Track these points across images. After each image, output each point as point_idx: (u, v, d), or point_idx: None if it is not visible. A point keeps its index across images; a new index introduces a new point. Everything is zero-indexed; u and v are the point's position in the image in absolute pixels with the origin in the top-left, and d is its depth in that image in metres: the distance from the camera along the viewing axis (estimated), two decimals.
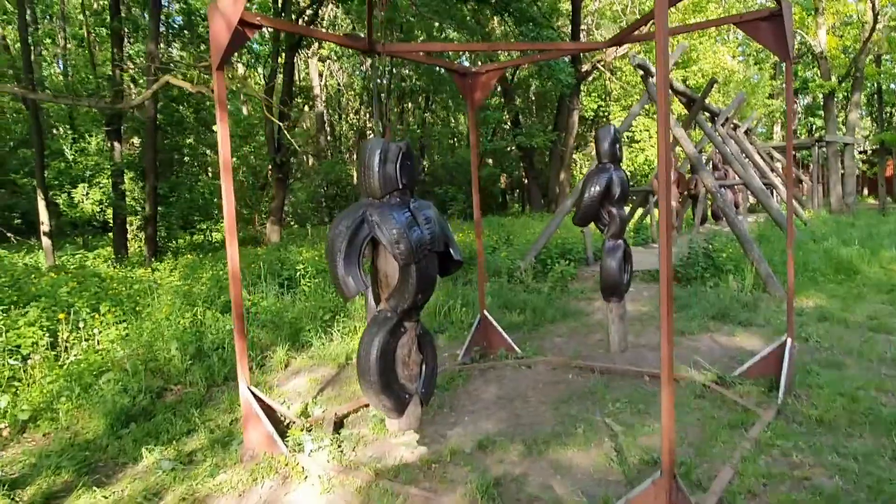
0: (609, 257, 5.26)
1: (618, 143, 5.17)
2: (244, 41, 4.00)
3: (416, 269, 2.92)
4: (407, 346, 3.09)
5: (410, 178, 3.04)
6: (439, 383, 5.30)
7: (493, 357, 6.01)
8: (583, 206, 5.17)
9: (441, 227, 3.10)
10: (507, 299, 8.49)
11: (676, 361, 5.52)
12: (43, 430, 5.01)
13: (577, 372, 5.49)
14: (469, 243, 11.94)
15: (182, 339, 6.60)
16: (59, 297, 8.14)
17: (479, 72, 5.88)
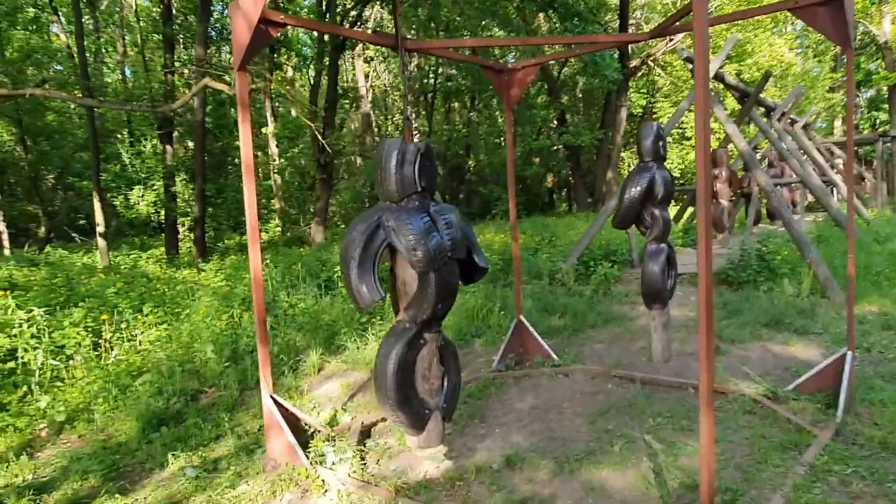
0: (651, 262, 4.97)
1: (661, 141, 4.87)
2: (267, 40, 3.91)
3: (435, 277, 2.75)
4: (427, 358, 2.92)
5: (430, 180, 2.87)
6: (472, 392, 5.12)
7: (530, 364, 5.80)
8: (622, 207, 4.89)
9: (463, 232, 2.92)
10: (547, 302, 8.23)
11: (725, 373, 5.19)
12: (79, 432, 5.06)
13: (617, 382, 5.23)
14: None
15: (218, 341, 6.63)
16: (106, 297, 8.33)
17: (514, 68, 5.67)
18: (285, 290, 8.93)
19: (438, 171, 3.00)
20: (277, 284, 9.25)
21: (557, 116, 23.99)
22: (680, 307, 7.70)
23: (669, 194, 4.93)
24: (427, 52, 4.87)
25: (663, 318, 5.05)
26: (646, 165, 4.89)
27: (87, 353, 6.44)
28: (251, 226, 3.90)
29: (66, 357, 6.29)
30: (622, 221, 4.94)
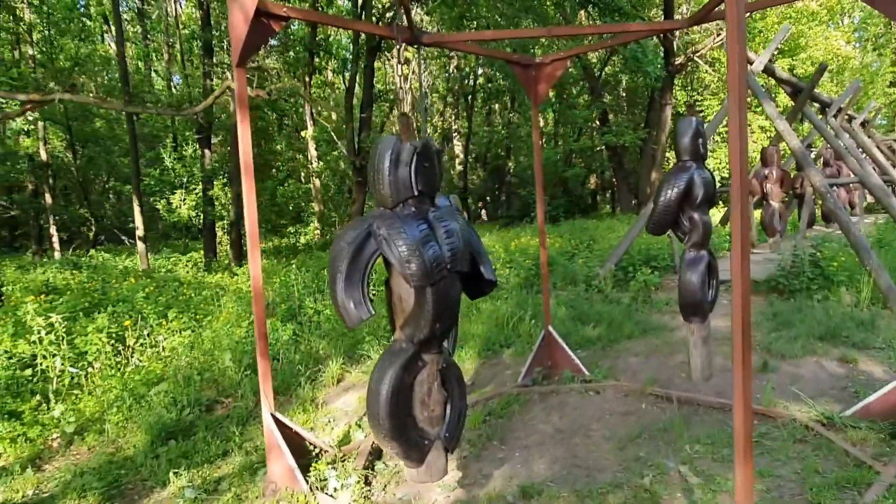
0: (689, 271, 4.53)
1: (701, 138, 4.44)
2: (268, 35, 3.67)
3: (432, 292, 2.43)
4: (426, 382, 2.61)
5: (430, 183, 2.56)
6: (493, 409, 4.79)
7: (558, 379, 5.42)
8: (657, 211, 4.48)
9: (467, 241, 2.60)
10: (581, 311, 7.82)
11: (772, 393, 4.71)
12: (89, 444, 4.93)
13: (653, 401, 4.81)
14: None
15: (237, 349, 6.46)
16: (135, 302, 8.31)
17: (542, 62, 5.31)
18: (312, 296, 8.75)
19: (441, 173, 2.67)
20: (303, 290, 9.07)
21: (600, 116, 23.35)
22: (726, 317, 7.17)
23: (710, 196, 4.49)
24: (444, 45, 4.57)
25: (703, 333, 4.61)
26: (683, 165, 4.47)
27: (108, 359, 6.36)
28: (251, 232, 3.66)
29: (87, 364, 6.22)
30: (657, 226, 4.52)
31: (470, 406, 4.85)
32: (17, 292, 10.05)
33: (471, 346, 6.87)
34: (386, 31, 4.35)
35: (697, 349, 4.60)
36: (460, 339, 7.12)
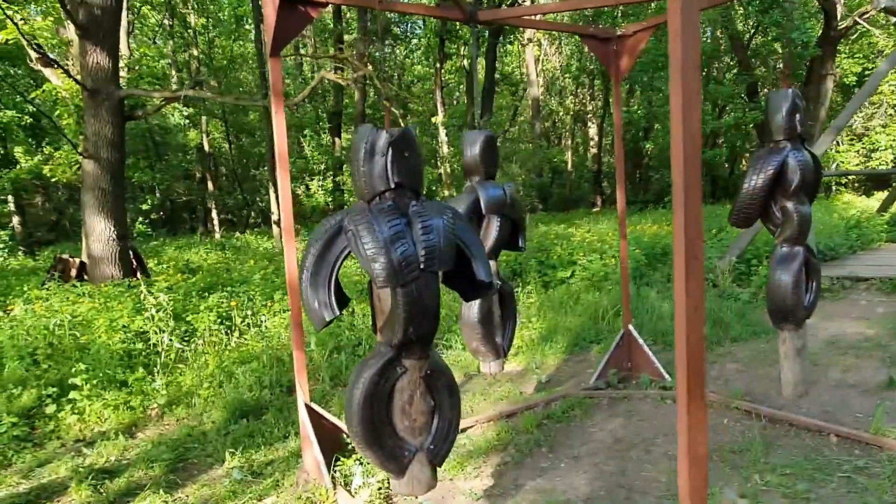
0: (780, 269, 3.88)
1: (798, 114, 3.76)
2: (305, 22, 3.64)
3: (402, 294, 2.25)
4: (408, 390, 2.43)
5: (410, 174, 2.36)
6: (553, 413, 4.48)
7: (636, 383, 4.96)
8: (739, 199, 3.87)
9: (451, 239, 2.37)
10: None
11: (885, 417, 3.93)
12: (178, 416, 5.33)
13: (738, 416, 4.23)
14: (661, 236, 10.47)
15: (325, 332, 6.64)
16: (251, 282, 8.90)
17: (625, 34, 4.82)
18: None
19: (423, 162, 2.46)
20: None
21: (748, 90, 21.21)
22: (856, 321, 6.17)
23: (809, 183, 3.82)
24: (503, 22, 4.28)
25: (797, 343, 3.96)
26: (776, 146, 3.84)
27: (214, 336, 6.83)
28: (286, 224, 3.68)
29: (194, 340, 6.74)
30: (740, 218, 3.93)
31: (533, 407, 4.59)
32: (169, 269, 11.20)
33: (559, 341, 6.54)
34: (453, 14, 4.17)
35: (789, 361, 3.96)
36: (551, 332, 6.79)
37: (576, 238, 10.76)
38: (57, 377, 5.52)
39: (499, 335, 4.25)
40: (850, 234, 10.21)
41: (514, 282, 8.98)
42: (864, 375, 4.79)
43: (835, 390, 4.58)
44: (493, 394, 5.14)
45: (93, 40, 8.77)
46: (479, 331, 4.08)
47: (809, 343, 5.66)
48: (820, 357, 5.29)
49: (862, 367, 4.96)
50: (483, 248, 2.57)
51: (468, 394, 5.20)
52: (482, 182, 4.09)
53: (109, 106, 9.03)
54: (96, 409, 5.23)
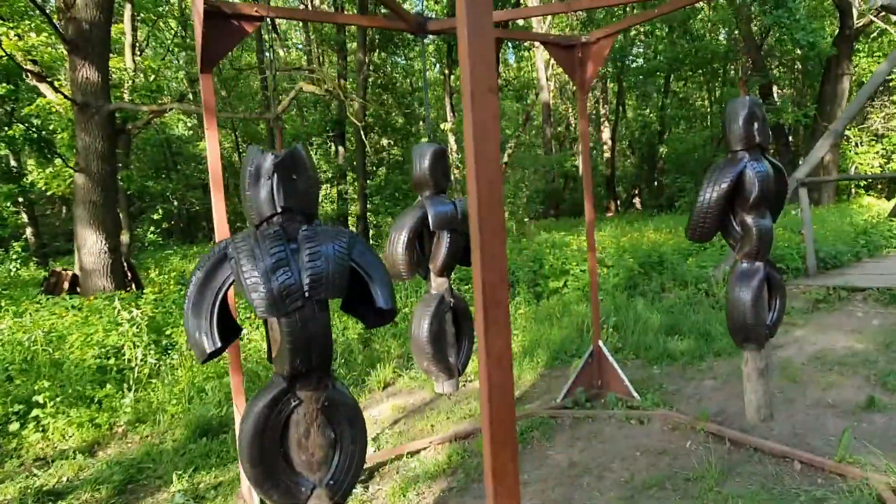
0: (739, 286, 3.68)
1: (756, 122, 3.57)
2: (239, 36, 3.55)
3: (285, 323, 2.13)
4: (304, 423, 2.31)
5: (299, 197, 2.24)
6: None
7: (603, 402, 4.78)
8: (693, 213, 3.69)
9: (342, 264, 2.23)
10: (677, 319, 6.90)
11: (853, 444, 3.70)
12: (142, 434, 5.26)
13: (703, 438, 4.02)
14: (657, 245, 10.20)
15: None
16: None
17: (589, 42, 4.65)
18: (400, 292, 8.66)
19: (317, 184, 2.34)
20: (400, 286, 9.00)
21: (762, 91, 20.76)
22: (848, 334, 5.89)
23: (769, 196, 3.62)
24: (452, 32, 4.15)
25: (759, 364, 3.75)
26: (734, 157, 3.65)
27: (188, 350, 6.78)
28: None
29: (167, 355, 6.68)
30: (696, 233, 3.74)
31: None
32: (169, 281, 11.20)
33: (540, 355, 6.36)
34: (400, 25, 4.05)
35: (752, 383, 3.76)
36: (534, 345, 6.61)
37: (572, 246, 10.55)
38: (26, 394, 5.49)
39: (452, 354, 4.11)
40: (857, 240, 9.86)
41: None
42: (844, 394, 4.54)
43: (811, 410, 4.34)
44: (458, 412, 4.99)
45: (82, 55, 8.82)
46: (428, 350, 3.94)
47: (795, 357, 5.44)
48: (802, 373, 5.04)
49: (844, 386, 4.71)
50: (385, 273, 2.43)
51: (433, 411, 5.05)
52: (431, 197, 3.96)
53: (99, 120, 9.07)
54: (60, 426, 5.18)
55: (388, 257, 3.92)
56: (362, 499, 3.61)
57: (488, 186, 1.19)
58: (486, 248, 1.19)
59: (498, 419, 1.34)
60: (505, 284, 1.21)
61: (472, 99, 1.18)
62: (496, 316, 1.23)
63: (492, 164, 1.19)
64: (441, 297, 4.04)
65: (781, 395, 4.65)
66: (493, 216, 1.20)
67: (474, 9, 1.17)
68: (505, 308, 1.22)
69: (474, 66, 1.17)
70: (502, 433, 1.36)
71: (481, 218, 1.18)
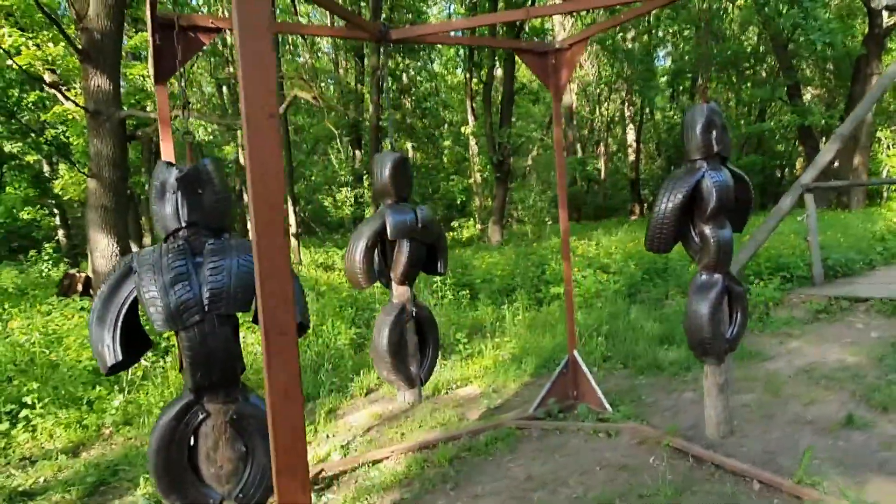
0: (696, 298, 3.57)
1: (715, 130, 3.46)
2: (196, 48, 3.60)
3: (184, 338, 2.15)
4: (212, 435, 2.32)
5: (206, 212, 2.26)
6: (475, 445, 4.27)
7: (576, 413, 4.70)
8: (650, 223, 3.59)
9: (247, 278, 2.24)
10: (674, 327, 6.75)
11: (815, 464, 3.57)
12: (125, 436, 5.37)
13: (666, 455, 3.92)
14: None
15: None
16: None
17: (562, 48, 4.59)
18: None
19: (227, 197, 2.35)
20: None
21: (790, 91, 20.23)
22: (843, 346, 5.68)
23: (728, 205, 3.52)
24: (418, 40, 4.14)
25: (718, 379, 3.65)
26: (691, 167, 3.56)
27: None
28: None
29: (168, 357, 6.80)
30: (652, 243, 3.65)
31: (458, 438, 4.40)
32: None
33: (528, 363, 6.30)
34: (362, 34, 4.06)
35: (711, 398, 3.65)
36: (524, 353, 6.54)
37: (578, 251, 10.42)
38: (19, 394, 5.65)
39: (414, 364, 4.10)
40: (873, 247, 9.51)
41: (502, 300, 8.76)
42: (825, 411, 4.38)
43: (787, 427, 4.20)
44: (432, 420, 4.96)
45: (94, 64, 9.05)
46: (387, 360, 3.93)
47: (783, 370, 5.28)
48: (786, 387, 4.89)
49: (827, 401, 4.54)
50: (297, 287, 2.43)
51: (408, 420, 5.04)
52: (392, 205, 3.95)
53: (110, 127, 9.30)
54: (48, 427, 5.32)
55: (347, 266, 3.93)
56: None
57: (269, 214, 1.17)
58: (267, 275, 1.17)
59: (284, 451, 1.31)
60: (290, 313, 1.19)
61: (248, 124, 1.17)
62: (281, 346, 1.21)
63: (273, 191, 1.17)
64: (402, 306, 4.03)
65: (761, 410, 4.50)
66: (274, 242, 1.18)
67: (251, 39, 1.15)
68: (291, 338, 1.20)
69: (252, 92, 1.16)
70: (291, 466, 1.33)
71: (260, 247, 1.17)
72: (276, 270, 1.20)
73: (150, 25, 3.35)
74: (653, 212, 3.60)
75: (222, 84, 24.64)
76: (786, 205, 7.77)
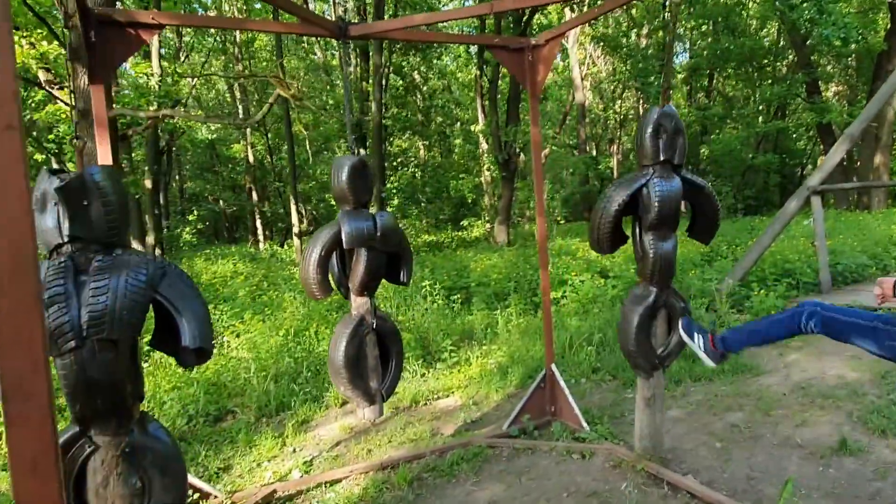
0: (627, 309, 3.29)
1: (665, 135, 3.17)
2: (137, 45, 3.40)
3: (59, 366, 1.94)
4: (101, 471, 2.11)
5: (93, 226, 2.04)
6: (438, 465, 4.03)
7: (550, 430, 4.44)
8: (591, 224, 3.31)
9: (134, 300, 2.01)
10: None
11: (795, 498, 3.27)
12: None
13: (640, 480, 3.64)
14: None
15: (264, 358, 6.39)
16: (238, 300, 8.86)
17: (538, 44, 4.32)
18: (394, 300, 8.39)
19: (119, 208, 2.13)
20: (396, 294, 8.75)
21: (809, 88, 19.66)
22: (845, 360, 5.34)
23: (670, 216, 3.23)
24: (379, 36, 3.90)
25: (645, 393, 3.38)
26: (640, 172, 3.29)
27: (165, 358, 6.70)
28: None
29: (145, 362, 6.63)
30: (593, 242, 3.40)
31: (422, 457, 4.16)
32: None
33: (515, 372, 6.03)
34: (320, 31, 3.83)
35: (638, 412, 3.38)
36: (513, 362, 6.27)
37: (578, 254, 10.11)
38: None
39: (374, 379, 3.87)
40: (888, 251, 9.09)
41: (496, 304, 8.48)
42: (818, 433, 4.07)
43: (775, 450, 3.89)
44: (401, 435, 4.73)
45: (82, 62, 8.95)
46: (343, 375, 3.72)
47: (778, 386, 4.98)
48: (778, 405, 4.57)
49: (820, 422, 4.22)
50: (201, 306, 2.20)
51: (379, 434, 4.81)
52: (350, 212, 3.73)
53: None
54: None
55: (301, 276, 3.72)
56: None
57: (10, 247, 0.95)
58: (9, 326, 0.94)
59: None
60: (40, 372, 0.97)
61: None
62: (25, 413, 0.98)
63: (17, 221, 0.94)
64: (361, 318, 3.81)
65: (748, 431, 4.20)
66: (20, 286, 0.95)
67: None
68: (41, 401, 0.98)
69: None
70: None
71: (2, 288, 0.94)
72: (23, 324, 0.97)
73: (80, 21, 3.15)
74: (592, 213, 3.34)
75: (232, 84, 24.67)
76: (791, 208, 7.41)
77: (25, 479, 1.05)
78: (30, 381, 1.00)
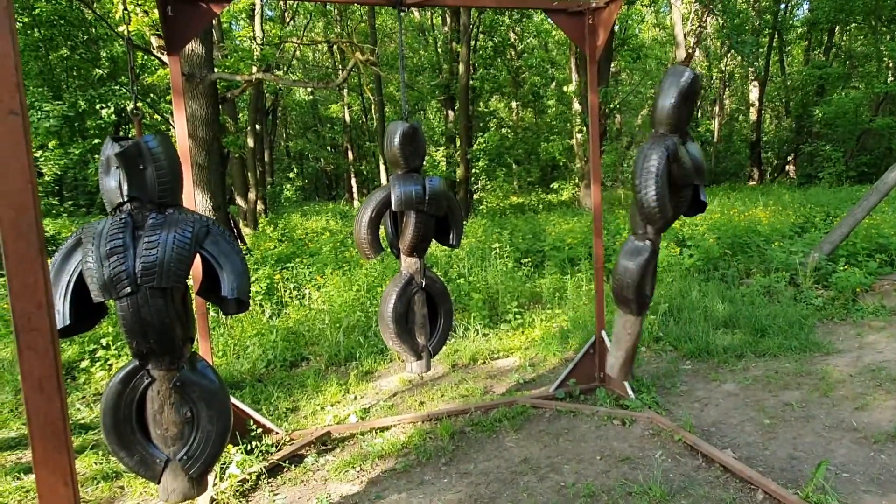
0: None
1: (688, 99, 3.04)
2: (207, 19, 3.68)
3: (119, 307, 2.26)
4: (157, 399, 2.45)
5: (149, 187, 2.33)
6: (482, 421, 4.22)
7: (595, 397, 4.51)
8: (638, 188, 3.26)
9: (181, 253, 2.28)
10: (738, 310, 6.24)
11: (832, 479, 3.19)
12: None
13: (676, 451, 3.67)
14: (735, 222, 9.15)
15: (338, 311, 6.79)
16: (322, 253, 9.41)
17: (598, 6, 4.25)
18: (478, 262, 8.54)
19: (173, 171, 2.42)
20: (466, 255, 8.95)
21: None
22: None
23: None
24: (437, 3, 3.98)
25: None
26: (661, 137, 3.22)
27: (258, 306, 7.28)
28: None
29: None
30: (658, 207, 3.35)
31: (467, 412, 4.37)
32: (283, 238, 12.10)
33: (577, 336, 6.09)
34: None
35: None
36: (575, 327, 6.32)
37: None
38: (97, 336, 6.26)
39: (421, 335, 4.09)
40: None
41: (567, 269, 8.47)
42: (876, 418, 3.89)
43: (825, 432, 3.78)
44: (454, 390, 4.97)
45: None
46: (392, 329, 3.96)
47: (845, 366, 4.80)
48: (841, 385, 4.39)
49: (882, 407, 4.03)
50: (240, 262, 2.47)
51: (434, 388, 5.07)
52: (400, 176, 3.90)
53: (203, 88, 9.86)
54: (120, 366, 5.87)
55: (354, 236, 3.95)
56: (308, 467, 3.75)
57: (14, 214, 1.18)
58: (15, 276, 1.19)
59: (41, 444, 1.33)
60: (42, 311, 1.20)
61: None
62: (32, 341, 1.23)
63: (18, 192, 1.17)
64: (410, 277, 4.01)
65: (800, 410, 4.09)
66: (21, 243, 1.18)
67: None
68: (44, 333, 1.21)
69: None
70: (49, 460, 1.35)
71: (7, 245, 1.18)
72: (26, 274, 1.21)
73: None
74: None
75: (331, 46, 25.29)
76: (891, 178, 6.85)
77: (34, 397, 1.32)
78: (36, 316, 1.25)
